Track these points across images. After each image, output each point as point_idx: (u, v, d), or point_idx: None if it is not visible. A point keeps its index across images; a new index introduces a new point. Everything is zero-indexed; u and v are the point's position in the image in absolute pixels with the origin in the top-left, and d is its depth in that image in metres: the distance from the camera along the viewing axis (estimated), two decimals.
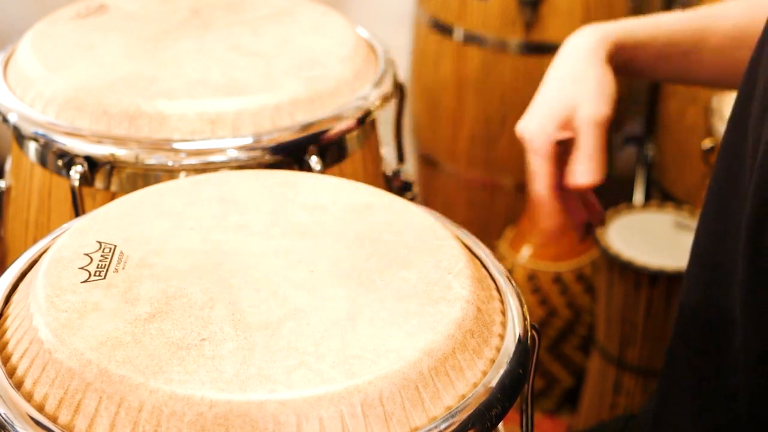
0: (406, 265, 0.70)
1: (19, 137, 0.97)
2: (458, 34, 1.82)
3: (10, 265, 0.73)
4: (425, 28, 1.89)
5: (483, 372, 0.64)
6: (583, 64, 0.94)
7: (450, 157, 1.90)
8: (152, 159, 0.90)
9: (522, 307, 0.70)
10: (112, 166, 0.91)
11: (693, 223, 1.57)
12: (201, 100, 0.92)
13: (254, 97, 0.93)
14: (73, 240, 0.72)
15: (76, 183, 0.90)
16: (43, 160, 0.95)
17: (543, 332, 1.71)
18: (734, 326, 0.78)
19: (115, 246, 0.71)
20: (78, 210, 0.91)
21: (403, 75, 1.36)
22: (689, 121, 1.76)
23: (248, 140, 0.91)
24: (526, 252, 1.71)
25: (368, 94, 0.98)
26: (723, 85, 1.05)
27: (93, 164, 0.91)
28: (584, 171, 0.90)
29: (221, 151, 0.90)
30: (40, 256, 0.73)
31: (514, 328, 0.68)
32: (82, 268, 0.68)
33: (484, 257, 0.75)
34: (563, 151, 0.92)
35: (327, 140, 0.94)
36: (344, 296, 0.66)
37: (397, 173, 1.09)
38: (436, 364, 0.62)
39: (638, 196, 1.94)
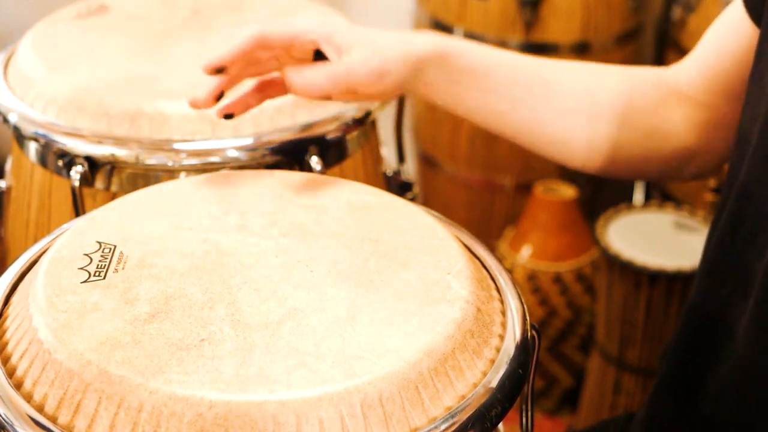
0: (405, 265, 0.70)
1: (20, 137, 0.97)
2: (458, 34, 1.82)
3: (10, 265, 0.73)
4: (425, 28, 1.89)
5: (483, 372, 0.64)
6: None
7: (450, 157, 1.90)
8: (153, 159, 0.90)
9: (522, 307, 0.70)
10: (112, 166, 0.91)
11: (693, 223, 1.57)
12: None
13: None
14: (73, 240, 0.72)
15: (77, 183, 0.90)
16: (43, 161, 0.95)
17: (543, 332, 1.71)
18: (733, 335, 0.78)
19: (115, 246, 0.71)
20: (78, 210, 0.90)
21: None
22: None
23: (248, 141, 0.91)
24: (526, 252, 1.71)
25: None
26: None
27: (93, 164, 0.91)
28: None
29: (221, 151, 0.90)
30: (40, 256, 0.73)
31: (514, 328, 0.68)
32: (81, 268, 0.68)
33: (484, 257, 0.75)
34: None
35: (327, 140, 0.93)
36: (344, 296, 0.66)
37: (397, 173, 1.09)
38: (435, 364, 0.62)
39: (638, 196, 1.94)
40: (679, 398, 0.85)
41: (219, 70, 0.81)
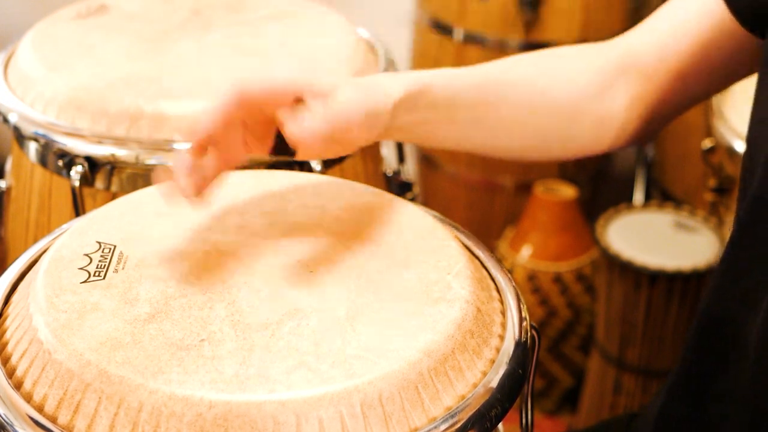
0: (405, 265, 0.70)
1: (20, 137, 0.97)
2: (458, 34, 1.82)
3: (10, 265, 0.73)
4: (425, 28, 1.89)
5: (483, 372, 0.64)
6: None
7: (450, 157, 1.90)
8: (153, 159, 0.90)
9: (522, 307, 0.70)
10: (112, 166, 0.91)
11: (693, 223, 1.57)
12: (202, 101, 0.92)
13: None
14: (72, 240, 0.72)
15: (77, 183, 0.90)
16: (43, 161, 0.95)
17: (543, 332, 1.71)
18: (744, 340, 0.78)
19: (115, 246, 0.71)
20: (78, 210, 0.91)
21: None
22: (689, 121, 1.76)
23: None
24: (526, 252, 1.71)
25: None
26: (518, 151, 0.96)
27: (93, 164, 0.91)
28: None
29: None
30: (40, 256, 0.73)
31: (514, 328, 0.68)
32: (81, 268, 0.68)
33: (484, 257, 0.75)
34: None
35: None
36: (344, 296, 0.66)
37: (397, 173, 1.09)
38: (435, 364, 0.62)
39: (638, 196, 1.94)
40: (690, 400, 0.85)
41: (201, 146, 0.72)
